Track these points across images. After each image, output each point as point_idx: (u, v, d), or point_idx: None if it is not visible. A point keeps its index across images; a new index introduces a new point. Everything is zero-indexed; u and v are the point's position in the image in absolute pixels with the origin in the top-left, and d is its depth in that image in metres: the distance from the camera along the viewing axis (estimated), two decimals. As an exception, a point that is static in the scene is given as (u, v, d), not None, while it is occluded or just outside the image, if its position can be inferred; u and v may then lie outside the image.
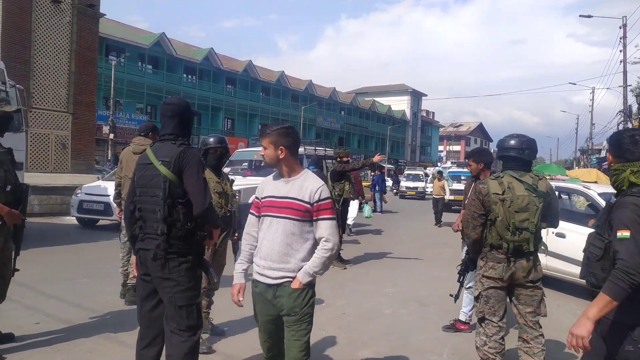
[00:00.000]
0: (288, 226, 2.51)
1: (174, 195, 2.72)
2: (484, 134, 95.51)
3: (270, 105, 44.50)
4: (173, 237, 2.71)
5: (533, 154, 3.36)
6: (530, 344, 3.25)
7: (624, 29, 23.77)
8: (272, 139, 2.57)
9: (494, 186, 3.22)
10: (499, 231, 3.18)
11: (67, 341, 4.04)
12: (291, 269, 2.52)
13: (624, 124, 25.03)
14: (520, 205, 3.15)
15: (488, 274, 3.25)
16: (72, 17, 15.78)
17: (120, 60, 30.30)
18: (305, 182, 2.56)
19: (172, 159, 2.71)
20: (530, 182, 3.21)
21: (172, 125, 2.86)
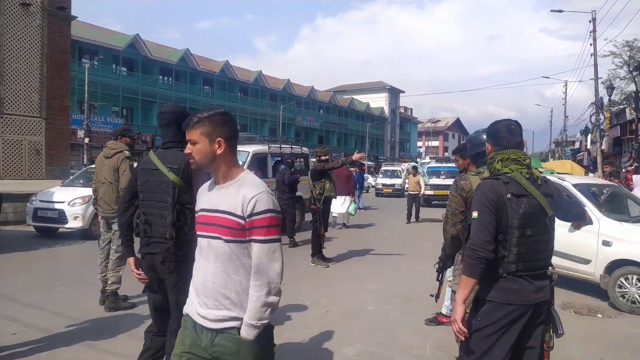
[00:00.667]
0: (221, 249, 1.93)
1: (182, 201, 2.82)
2: (462, 129, 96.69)
3: (249, 105, 44.27)
4: (180, 241, 2.80)
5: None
6: None
7: (594, 23, 24.30)
8: (207, 128, 1.99)
9: (476, 182, 3.15)
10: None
11: (47, 351, 3.97)
12: (230, 303, 1.94)
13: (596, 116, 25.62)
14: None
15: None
16: (43, 20, 15.44)
17: (94, 63, 29.75)
18: (241, 188, 1.95)
19: (181, 166, 2.82)
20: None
21: (172, 133, 2.97)
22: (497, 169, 2.40)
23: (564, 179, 6.63)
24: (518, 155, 2.41)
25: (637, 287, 5.39)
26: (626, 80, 31.13)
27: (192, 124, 2.02)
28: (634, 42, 30.99)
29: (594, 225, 5.84)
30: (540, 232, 2.33)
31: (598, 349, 4.31)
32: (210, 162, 2.00)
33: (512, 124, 2.51)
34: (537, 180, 2.37)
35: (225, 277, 1.94)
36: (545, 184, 2.43)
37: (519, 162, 2.39)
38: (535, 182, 2.36)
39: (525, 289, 2.28)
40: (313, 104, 53.78)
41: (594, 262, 5.80)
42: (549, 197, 2.39)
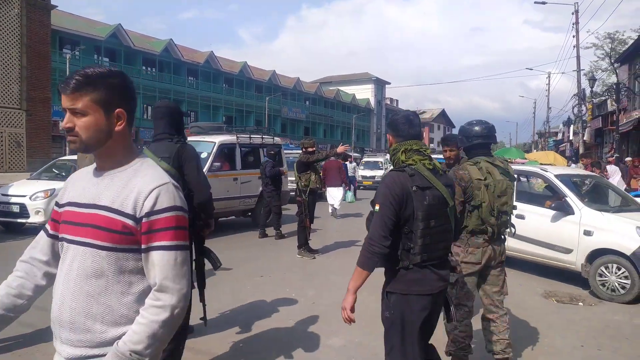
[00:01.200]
0: (90, 260, 1.39)
1: None
2: (447, 120, 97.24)
3: (234, 96, 43.91)
4: None
5: (495, 139, 3.51)
6: (496, 322, 3.36)
7: (576, 15, 24.55)
8: (101, 94, 1.42)
9: (474, 172, 3.25)
10: (483, 216, 3.22)
11: (30, 346, 3.93)
12: (98, 342, 1.39)
13: (578, 107, 25.96)
14: (500, 189, 3.24)
15: (467, 259, 3.30)
16: (21, 9, 15.09)
17: (75, 54, 29.21)
18: (133, 178, 1.44)
19: (171, 155, 2.99)
20: (502, 167, 3.33)
21: (163, 125, 3.18)
22: (401, 160, 2.41)
23: (547, 170, 6.72)
24: (419, 146, 2.44)
25: (617, 276, 5.50)
26: (608, 72, 31.59)
27: (76, 84, 1.39)
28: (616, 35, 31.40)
29: (575, 215, 5.94)
30: (443, 222, 2.39)
31: (579, 337, 4.40)
32: (103, 142, 1.43)
33: (410, 115, 2.53)
34: (438, 172, 2.43)
35: (89, 302, 1.39)
36: (445, 175, 2.51)
37: (421, 153, 2.42)
38: (437, 173, 2.41)
39: (429, 278, 2.37)
40: (299, 96, 53.57)
41: (575, 252, 5.91)
42: (449, 187, 2.46)
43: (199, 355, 3.82)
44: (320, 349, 4.02)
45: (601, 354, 4.06)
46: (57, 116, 25.92)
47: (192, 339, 4.08)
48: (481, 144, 3.39)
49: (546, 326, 4.64)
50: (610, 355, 4.04)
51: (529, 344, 4.15)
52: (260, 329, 4.44)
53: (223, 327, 4.45)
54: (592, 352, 4.07)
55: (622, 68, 25.79)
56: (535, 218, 6.28)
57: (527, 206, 6.39)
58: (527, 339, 4.24)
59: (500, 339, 3.34)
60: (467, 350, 3.38)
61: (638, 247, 5.37)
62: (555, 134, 52.71)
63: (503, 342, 3.34)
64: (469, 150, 3.45)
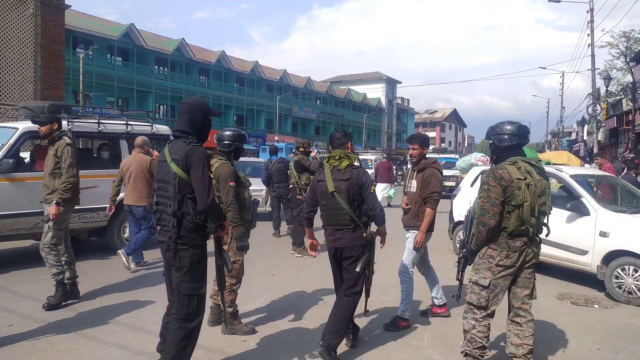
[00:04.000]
0: None
1: (184, 191, 2.93)
2: (458, 119, 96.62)
3: (245, 96, 44.01)
4: (184, 230, 2.94)
5: (528, 139, 3.53)
6: (522, 327, 3.35)
7: (591, 13, 24.21)
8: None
9: (514, 171, 3.22)
10: (523, 217, 3.18)
11: (43, 341, 3.95)
12: None
13: (592, 107, 25.62)
14: (540, 189, 3.23)
15: (503, 262, 3.25)
16: (36, 9, 15.23)
17: (89, 53, 29.49)
18: None
19: (181, 157, 2.92)
20: (539, 166, 3.32)
21: (182, 123, 3.08)
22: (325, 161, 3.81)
23: (561, 170, 6.62)
24: (335, 153, 3.81)
25: (634, 278, 5.40)
26: (623, 71, 31.11)
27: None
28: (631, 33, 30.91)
29: (591, 216, 5.84)
30: (331, 202, 3.72)
31: (595, 340, 4.33)
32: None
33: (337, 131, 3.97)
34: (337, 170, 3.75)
35: None
36: (340, 177, 3.70)
37: (333, 157, 3.80)
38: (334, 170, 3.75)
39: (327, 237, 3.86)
40: (310, 95, 53.55)
41: (591, 253, 5.81)
42: (343, 182, 3.68)
43: (210, 354, 3.81)
44: (331, 349, 3.98)
45: (618, 357, 3.98)
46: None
47: (204, 338, 4.09)
48: (516, 144, 3.37)
49: (561, 328, 4.57)
50: (627, 359, 3.96)
51: (544, 347, 4.08)
52: (271, 328, 4.42)
53: (234, 326, 4.44)
54: (609, 356, 4.00)
55: (638, 67, 25.36)
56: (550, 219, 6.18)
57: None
58: (542, 341, 4.17)
59: (524, 343, 3.32)
60: (483, 352, 3.35)
61: (656, 249, 5.27)
62: (569, 134, 52.11)
63: (526, 347, 3.31)
64: (504, 151, 3.38)
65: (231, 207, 3.97)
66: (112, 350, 3.85)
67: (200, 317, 3.08)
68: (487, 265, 3.31)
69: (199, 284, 3.04)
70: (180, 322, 2.98)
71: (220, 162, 4.16)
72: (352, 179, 3.65)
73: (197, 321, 3.06)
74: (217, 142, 4.27)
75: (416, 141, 4.52)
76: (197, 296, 3.02)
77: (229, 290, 4.20)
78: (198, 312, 3.05)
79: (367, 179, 3.70)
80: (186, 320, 2.99)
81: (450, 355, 3.93)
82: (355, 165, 3.77)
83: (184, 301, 2.98)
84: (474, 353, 3.33)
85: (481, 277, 3.32)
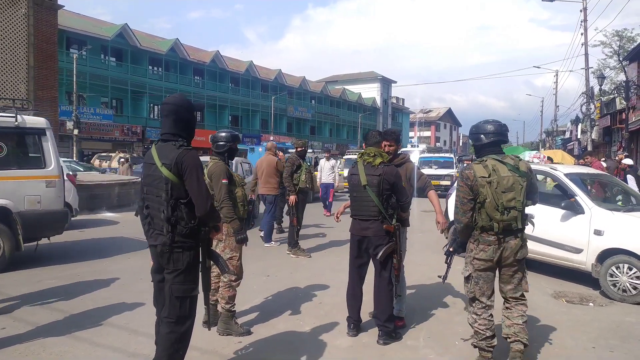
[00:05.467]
0: None
1: (177, 196, 2.85)
2: (453, 119, 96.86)
3: (240, 95, 43.92)
4: (178, 234, 2.87)
5: (506, 137, 3.60)
6: (511, 310, 3.51)
7: (585, 13, 24.32)
8: None
9: (479, 170, 3.40)
10: (488, 212, 3.35)
11: (36, 345, 3.91)
12: None
13: (586, 105, 25.75)
14: (506, 185, 3.35)
15: (479, 256, 3.44)
16: (28, 9, 15.12)
17: (82, 53, 29.30)
18: None
19: (172, 161, 2.82)
20: (512, 163, 3.41)
21: (169, 125, 2.96)
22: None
23: (556, 169, 6.63)
24: (370, 150, 4.20)
25: (628, 276, 5.42)
26: (616, 70, 31.28)
27: None
28: (624, 32, 31.12)
29: (585, 214, 5.86)
30: (362, 194, 4.09)
31: (590, 338, 4.33)
32: None
33: (373, 131, 4.41)
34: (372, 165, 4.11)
35: None
36: (372, 172, 4.06)
37: (368, 154, 4.19)
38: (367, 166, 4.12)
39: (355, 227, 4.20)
40: (305, 95, 53.52)
41: (585, 252, 5.83)
42: (372, 176, 4.05)
43: (205, 355, 3.79)
44: (327, 350, 3.97)
45: (614, 355, 3.98)
46: (64, 116, 26.10)
47: (199, 339, 4.06)
48: (491, 142, 3.51)
49: (556, 327, 4.58)
50: (622, 357, 3.96)
51: (539, 345, 4.08)
52: (266, 329, 4.40)
53: (229, 327, 4.42)
54: (604, 354, 4.00)
55: (631, 66, 25.50)
56: (545, 217, 6.20)
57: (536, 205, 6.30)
58: (537, 339, 4.17)
59: (514, 323, 3.46)
60: (490, 342, 3.48)
61: (650, 247, 5.28)
62: (563, 133, 52.34)
63: (517, 326, 3.45)
64: (480, 149, 3.57)
65: (224, 203, 4.05)
66: (106, 353, 3.82)
67: (192, 320, 3.02)
68: (469, 259, 3.55)
69: (192, 286, 2.98)
70: (172, 325, 2.91)
71: (213, 161, 4.25)
72: (383, 174, 4.01)
73: (189, 324, 3.00)
74: (212, 142, 4.34)
75: (392, 137, 4.60)
76: (190, 298, 2.96)
77: (227, 287, 4.24)
78: (190, 315, 2.99)
79: (398, 177, 4.10)
80: (177, 323, 2.92)
81: (446, 354, 3.93)
82: (387, 163, 4.14)
83: (177, 303, 2.91)
84: (481, 344, 3.49)
85: (465, 269, 3.58)
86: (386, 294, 4.11)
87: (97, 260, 7.11)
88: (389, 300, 4.12)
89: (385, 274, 4.10)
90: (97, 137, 31.34)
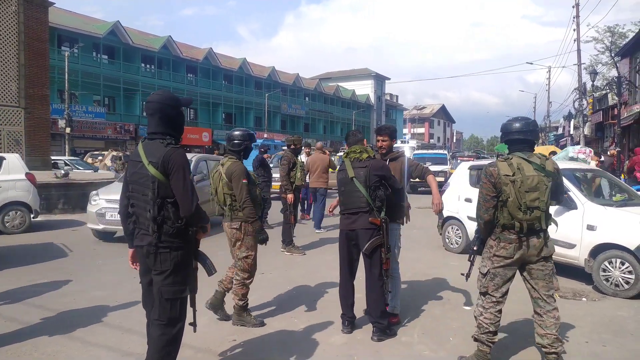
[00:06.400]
0: None
1: (163, 195, 2.78)
2: (447, 115, 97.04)
3: (234, 93, 43.80)
4: (165, 234, 2.80)
5: (536, 135, 3.52)
6: (542, 318, 3.44)
7: (577, 9, 24.43)
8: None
9: (504, 168, 3.35)
10: (510, 211, 3.31)
11: (28, 345, 3.88)
12: None
13: (579, 101, 25.88)
14: (530, 185, 3.29)
15: (499, 253, 3.41)
16: (18, 6, 15.00)
17: (74, 51, 29.10)
18: None
19: (159, 160, 2.75)
20: (539, 162, 3.34)
21: (155, 123, 2.88)
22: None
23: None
24: (355, 148, 4.27)
25: (621, 271, 5.45)
26: (608, 65, 31.46)
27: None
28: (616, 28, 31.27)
29: (578, 210, 5.89)
30: (350, 187, 4.16)
31: (583, 332, 4.36)
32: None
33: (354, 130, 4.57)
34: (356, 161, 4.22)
35: None
36: (359, 165, 4.15)
37: (354, 152, 4.27)
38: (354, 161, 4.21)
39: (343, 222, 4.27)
40: (298, 92, 53.44)
41: (578, 247, 5.86)
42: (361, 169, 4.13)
43: (200, 354, 3.77)
44: (321, 347, 3.97)
45: (606, 349, 4.01)
46: (56, 114, 25.90)
47: (193, 337, 4.05)
48: (518, 139, 3.44)
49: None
50: (615, 351, 3.99)
51: (532, 340, 4.09)
52: (261, 328, 4.39)
53: (224, 325, 4.41)
54: (597, 348, 4.03)
55: (623, 62, 25.65)
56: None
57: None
58: (530, 334, 4.18)
59: (548, 333, 3.41)
60: (490, 337, 3.48)
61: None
62: (555, 129, 52.60)
63: (550, 337, 3.40)
64: (509, 146, 3.53)
65: (246, 204, 4.18)
66: (99, 352, 3.80)
67: (182, 322, 2.96)
68: (488, 254, 3.52)
69: (181, 288, 2.89)
70: (163, 327, 2.85)
71: (230, 160, 4.33)
72: (370, 166, 4.11)
73: (180, 325, 2.93)
74: (228, 141, 4.48)
75: (385, 132, 4.61)
76: (180, 300, 2.89)
77: (240, 285, 4.35)
78: (181, 317, 2.92)
79: (386, 169, 4.20)
80: (168, 325, 2.86)
81: (440, 351, 3.94)
82: (373, 157, 4.25)
83: (167, 305, 2.84)
84: (482, 338, 3.49)
85: (482, 265, 3.54)
86: (377, 290, 4.11)
87: (89, 259, 7.08)
88: (380, 296, 4.12)
89: (375, 270, 4.10)
90: (90, 135, 31.17)
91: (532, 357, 3.85)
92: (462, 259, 7.45)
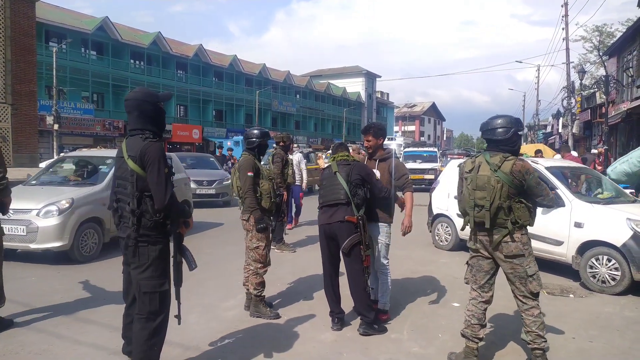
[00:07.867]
0: None
1: (142, 188, 2.85)
2: (437, 113, 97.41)
3: (224, 90, 43.56)
4: (143, 227, 2.86)
5: (500, 134, 3.40)
6: (523, 316, 3.51)
7: (566, 8, 24.61)
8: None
9: (467, 165, 3.55)
10: (464, 205, 3.51)
11: (14, 343, 3.84)
12: None
13: (567, 100, 26.10)
14: (479, 184, 3.37)
15: (469, 244, 3.63)
16: (5, 1, 14.79)
17: (62, 47, 28.75)
18: None
19: (137, 154, 2.83)
20: (497, 163, 3.33)
21: (134, 120, 2.97)
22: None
23: (537, 162, 6.70)
24: (342, 154, 4.39)
25: (607, 267, 5.52)
26: (596, 64, 31.76)
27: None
28: (604, 27, 31.59)
29: (566, 207, 5.94)
30: (331, 181, 4.22)
31: (570, 328, 4.41)
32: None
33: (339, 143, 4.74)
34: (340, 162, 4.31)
35: None
36: (343, 163, 4.27)
37: (340, 155, 4.38)
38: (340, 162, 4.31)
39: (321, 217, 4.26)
40: (289, 89, 53.30)
41: (566, 244, 5.92)
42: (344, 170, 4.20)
43: (188, 352, 3.76)
44: (311, 344, 3.97)
45: (593, 345, 4.06)
46: (44, 110, 25.60)
47: (181, 335, 4.02)
48: (486, 138, 3.54)
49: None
50: (601, 347, 4.04)
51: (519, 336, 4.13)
52: (250, 324, 4.38)
53: (212, 323, 4.40)
54: (583, 344, 4.07)
55: (611, 61, 25.91)
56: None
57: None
58: (518, 330, 4.21)
59: (529, 330, 3.47)
60: (475, 332, 3.50)
61: (628, 239, 5.39)
62: (544, 127, 53.00)
63: (532, 334, 3.45)
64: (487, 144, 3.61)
65: (248, 194, 4.44)
66: (87, 351, 3.77)
67: (164, 314, 2.99)
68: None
69: (160, 281, 2.94)
70: (143, 321, 2.90)
71: (244, 156, 4.68)
72: (353, 165, 4.24)
73: (161, 318, 2.96)
74: (245, 139, 4.82)
75: (369, 132, 4.55)
76: (159, 293, 2.93)
77: (254, 274, 4.52)
78: (161, 309, 2.95)
79: (369, 174, 4.26)
80: (149, 319, 2.90)
81: (429, 347, 3.96)
82: (357, 161, 4.42)
83: (145, 299, 2.89)
84: (466, 332, 3.55)
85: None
86: (359, 284, 4.13)
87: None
88: (363, 291, 4.14)
89: (355, 265, 4.13)
90: (78, 132, 30.80)
91: (519, 353, 3.88)
92: (451, 256, 7.49)
